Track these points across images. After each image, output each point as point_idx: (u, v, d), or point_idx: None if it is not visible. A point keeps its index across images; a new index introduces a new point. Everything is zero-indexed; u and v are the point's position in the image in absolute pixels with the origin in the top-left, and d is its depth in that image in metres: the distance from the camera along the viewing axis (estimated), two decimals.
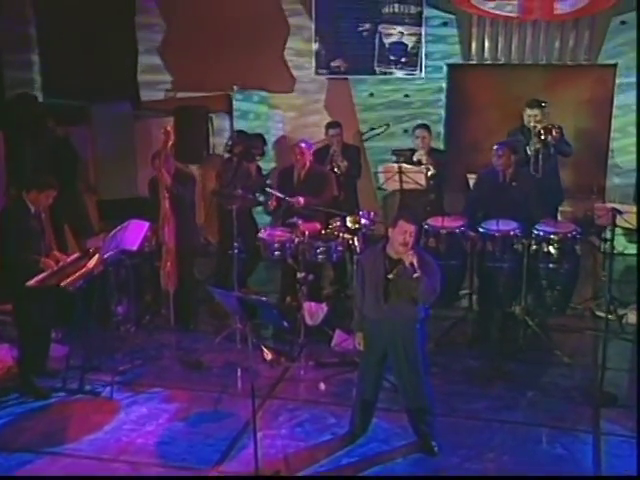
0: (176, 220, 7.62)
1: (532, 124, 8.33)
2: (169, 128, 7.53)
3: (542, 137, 8.09)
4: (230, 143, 9.10)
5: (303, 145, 8.21)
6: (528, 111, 8.44)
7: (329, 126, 8.98)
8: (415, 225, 5.62)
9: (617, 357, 7.29)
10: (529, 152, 8.13)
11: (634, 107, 9.54)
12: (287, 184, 8.21)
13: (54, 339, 7.40)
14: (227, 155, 8.97)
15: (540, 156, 8.09)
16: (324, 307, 7.60)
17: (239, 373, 6.97)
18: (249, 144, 8.88)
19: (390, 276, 5.63)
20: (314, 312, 7.57)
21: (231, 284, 7.54)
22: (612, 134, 9.78)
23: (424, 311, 5.75)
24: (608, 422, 6.30)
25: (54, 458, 5.89)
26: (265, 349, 7.23)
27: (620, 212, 6.56)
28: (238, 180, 8.16)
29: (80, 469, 5.77)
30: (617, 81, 9.63)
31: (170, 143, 7.48)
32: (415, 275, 5.46)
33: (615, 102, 9.69)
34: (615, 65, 9.57)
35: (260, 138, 9.42)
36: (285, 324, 5.82)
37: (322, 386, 6.85)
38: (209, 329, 8.08)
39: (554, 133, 8.11)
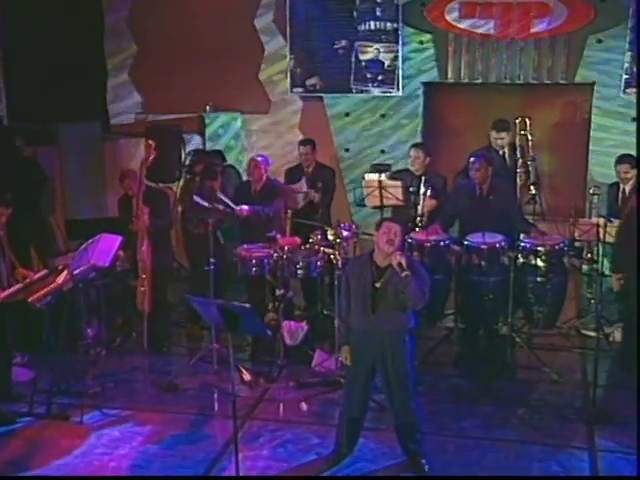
0: (152, 238, 7.38)
1: (499, 145, 8.33)
2: (151, 142, 7.29)
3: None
4: (189, 163, 8.75)
5: (259, 159, 8.10)
6: (494, 134, 8.37)
7: (300, 143, 8.76)
8: (400, 225, 5.42)
9: (605, 374, 7.09)
10: None
11: (610, 125, 9.45)
12: (242, 197, 8.03)
13: (19, 363, 7.10)
14: (187, 176, 8.63)
15: None
16: (304, 326, 7.31)
17: (215, 395, 6.71)
18: (210, 161, 8.55)
19: (378, 285, 5.39)
20: (294, 331, 7.28)
21: None
22: (590, 154, 9.65)
23: (414, 320, 5.49)
24: (603, 439, 6.07)
25: None
26: (243, 370, 6.96)
27: (610, 220, 6.38)
28: (197, 207, 7.80)
29: None
30: (594, 99, 9.53)
31: (151, 158, 7.24)
32: (404, 274, 5.20)
33: (593, 120, 9.59)
34: (593, 84, 9.49)
35: (219, 155, 9.07)
36: (268, 332, 5.54)
37: (304, 406, 6.56)
38: (182, 351, 7.82)
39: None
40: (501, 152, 8.39)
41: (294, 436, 6.14)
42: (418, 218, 7.63)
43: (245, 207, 7.77)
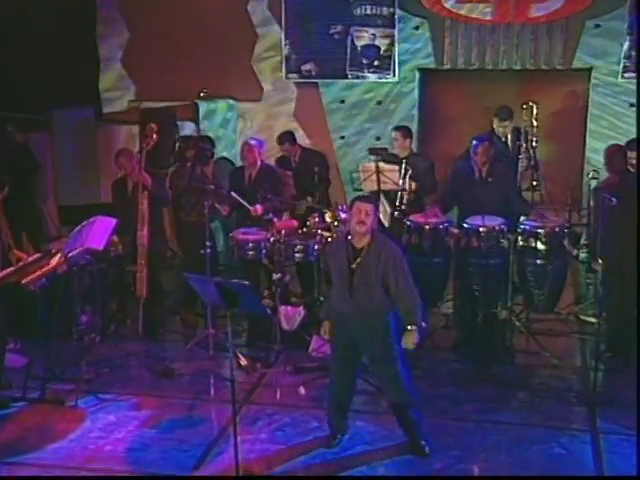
0: (151, 223, 7.29)
1: (502, 132, 8.32)
2: (153, 125, 7.18)
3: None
4: (180, 149, 8.59)
5: (252, 142, 7.89)
6: (497, 122, 8.33)
7: (277, 142, 8.68)
8: (371, 204, 5.36)
9: (605, 359, 6.99)
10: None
11: (609, 111, 9.40)
12: (237, 184, 7.84)
13: (12, 349, 6.97)
14: (178, 162, 8.48)
15: None
16: (301, 311, 7.23)
17: (212, 380, 6.65)
18: (201, 147, 8.36)
19: (353, 266, 5.31)
20: (291, 316, 7.20)
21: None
22: (587, 139, 9.58)
23: (390, 304, 5.39)
24: (605, 421, 6.01)
25: (14, 468, 5.42)
26: (240, 355, 6.87)
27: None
28: (195, 187, 7.71)
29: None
30: (591, 85, 9.47)
31: (152, 142, 7.13)
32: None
33: (590, 106, 9.52)
34: (590, 69, 9.42)
35: (208, 140, 8.80)
36: (268, 311, 5.46)
37: (302, 390, 6.48)
38: (177, 338, 7.74)
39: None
40: (503, 139, 8.36)
41: (292, 420, 6.06)
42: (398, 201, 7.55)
43: (259, 207, 7.54)
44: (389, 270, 5.28)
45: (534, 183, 8.17)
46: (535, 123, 8.50)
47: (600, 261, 7.28)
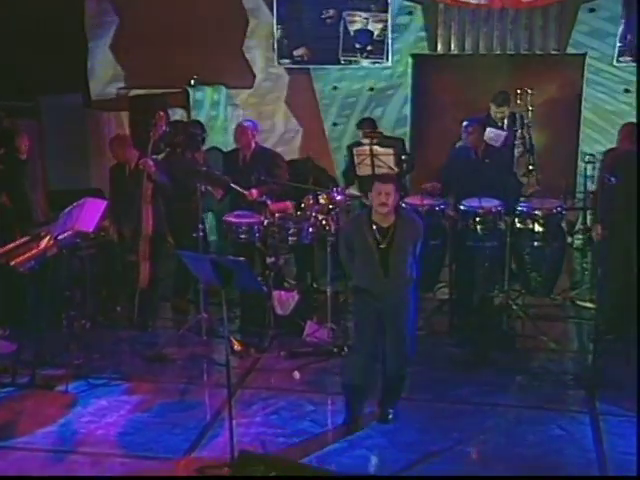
0: (155, 212, 7.21)
1: (499, 118, 8.30)
2: (162, 113, 7.07)
3: None
4: (169, 135, 8.40)
5: (246, 124, 7.68)
6: (494, 107, 8.31)
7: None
8: (391, 183, 5.32)
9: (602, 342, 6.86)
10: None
11: (603, 97, 9.32)
12: (231, 167, 7.67)
13: (1, 336, 6.89)
14: (168, 149, 8.31)
15: None
16: (295, 295, 7.12)
17: (205, 365, 6.60)
18: (191, 132, 8.12)
19: (382, 246, 5.31)
20: (284, 301, 7.09)
21: (194, 281, 7.07)
22: (581, 125, 9.51)
23: (416, 271, 5.43)
24: (604, 403, 5.95)
25: (3, 452, 5.30)
26: (233, 340, 6.76)
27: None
28: (186, 174, 7.48)
29: (33, 463, 5.22)
30: (586, 70, 9.39)
31: (161, 130, 7.01)
32: None
33: (584, 92, 9.44)
34: (584, 55, 9.34)
35: (199, 124, 8.56)
36: (264, 289, 5.34)
37: (297, 374, 6.38)
38: (169, 324, 7.64)
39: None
40: (500, 124, 8.30)
41: (288, 403, 5.97)
42: None
43: (255, 191, 7.32)
44: (414, 245, 5.39)
45: (530, 167, 8.07)
46: (530, 108, 8.41)
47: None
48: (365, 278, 5.42)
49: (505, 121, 8.33)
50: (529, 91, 8.44)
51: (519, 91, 8.49)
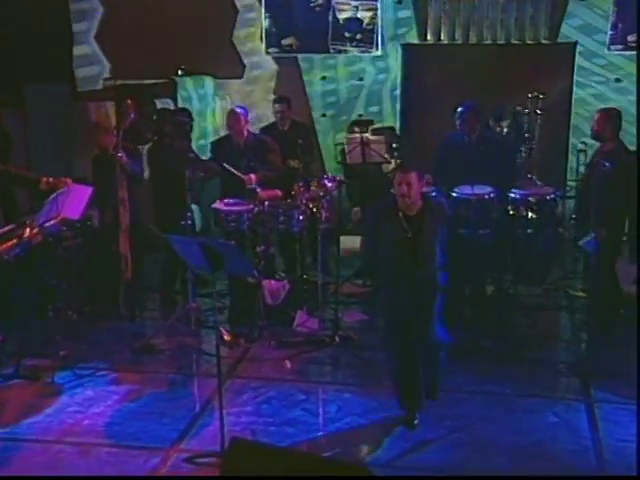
0: (131, 203, 7.08)
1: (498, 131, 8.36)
2: (129, 102, 6.92)
3: None
4: (156, 124, 8.26)
5: (238, 110, 7.52)
6: (492, 122, 8.41)
7: (275, 101, 8.39)
8: (412, 172, 5.16)
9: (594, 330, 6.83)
10: None
11: (594, 86, 9.26)
12: (224, 154, 7.48)
13: None
14: (155, 137, 8.19)
15: None
16: (285, 284, 7.03)
17: (194, 355, 6.50)
18: (179, 120, 8.03)
19: (410, 235, 5.19)
20: (275, 290, 6.99)
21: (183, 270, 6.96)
22: (572, 114, 9.44)
23: (443, 257, 5.33)
24: (599, 391, 5.87)
25: None
26: (223, 330, 6.64)
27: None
28: (174, 162, 7.27)
29: (19, 452, 5.08)
30: (576, 59, 9.32)
31: (129, 120, 6.88)
32: None
33: (575, 81, 9.38)
34: (575, 43, 9.28)
35: (186, 112, 8.43)
36: (255, 273, 5.23)
37: (288, 364, 6.27)
38: (156, 316, 7.50)
39: None
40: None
41: (278, 393, 5.86)
42: None
43: (253, 176, 7.16)
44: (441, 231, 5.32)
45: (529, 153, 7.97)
46: (539, 112, 8.30)
47: None
48: (394, 268, 5.28)
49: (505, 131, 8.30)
50: (540, 96, 8.34)
51: (530, 95, 8.41)
